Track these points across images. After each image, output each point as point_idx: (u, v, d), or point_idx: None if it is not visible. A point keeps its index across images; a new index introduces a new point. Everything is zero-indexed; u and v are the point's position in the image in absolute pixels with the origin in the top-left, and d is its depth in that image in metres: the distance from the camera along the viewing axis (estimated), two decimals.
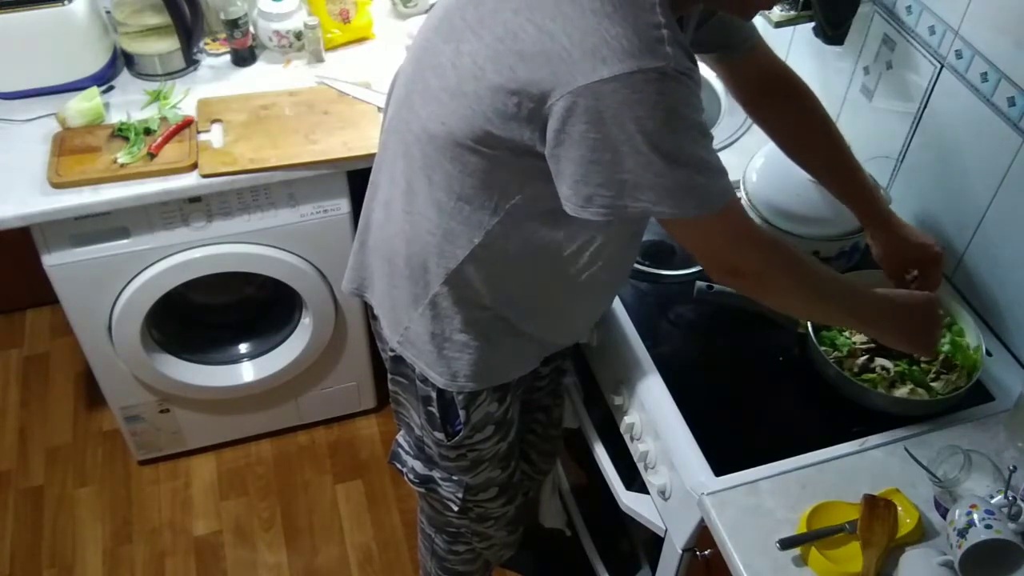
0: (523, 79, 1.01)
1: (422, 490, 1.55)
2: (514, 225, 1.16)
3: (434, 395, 1.35)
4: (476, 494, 1.52)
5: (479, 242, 1.17)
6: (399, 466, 1.58)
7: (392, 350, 1.37)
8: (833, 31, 1.61)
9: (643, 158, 0.99)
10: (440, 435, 1.41)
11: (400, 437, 1.57)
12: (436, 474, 1.51)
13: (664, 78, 0.97)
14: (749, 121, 1.81)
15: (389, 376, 1.47)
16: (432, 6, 2.07)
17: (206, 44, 2.04)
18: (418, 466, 1.53)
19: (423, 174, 1.17)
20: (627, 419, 1.43)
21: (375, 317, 1.40)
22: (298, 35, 2.03)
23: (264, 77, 2.00)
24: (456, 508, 1.53)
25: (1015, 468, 1.16)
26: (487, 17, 1.06)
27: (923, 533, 1.19)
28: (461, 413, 1.36)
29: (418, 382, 1.37)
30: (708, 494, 1.23)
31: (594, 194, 1.03)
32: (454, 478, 1.49)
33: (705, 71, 1.93)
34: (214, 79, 1.99)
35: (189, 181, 1.75)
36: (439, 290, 1.24)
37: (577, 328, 1.43)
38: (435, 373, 1.32)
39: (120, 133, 1.79)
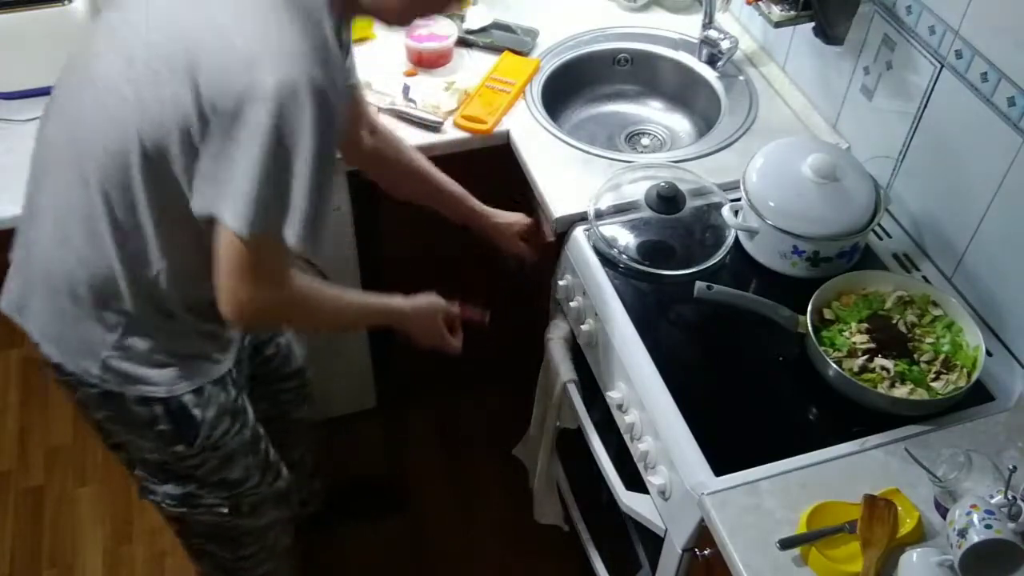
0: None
1: (185, 510, 1.49)
2: (181, 226, 1.18)
3: (160, 411, 1.32)
4: (241, 487, 1.49)
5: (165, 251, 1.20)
6: (152, 499, 1.50)
7: (94, 385, 1.31)
8: (833, 31, 1.62)
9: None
10: (180, 447, 1.37)
11: (139, 472, 1.49)
12: (192, 488, 1.45)
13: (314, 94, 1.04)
14: (749, 121, 1.81)
15: (97, 420, 1.38)
16: None
17: None
18: (171, 489, 1.46)
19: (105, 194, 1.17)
20: (627, 419, 1.43)
21: (53, 365, 1.34)
22: None
23: None
24: (227, 510, 1.49)
25: (1015, 468, 1.16)
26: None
27: (923, 533, 1.19)
28: (196, 413, 1.34)
29: (134, 408, 1.32)
30: (708, 494, 1.23)
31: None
32: (212, 480, 1.45)
33: (707, 71, 1.95)
34: None
35: None
36: (135, 307, 1.24)
37: None
38: (152, 387, 1.30)
39: None
